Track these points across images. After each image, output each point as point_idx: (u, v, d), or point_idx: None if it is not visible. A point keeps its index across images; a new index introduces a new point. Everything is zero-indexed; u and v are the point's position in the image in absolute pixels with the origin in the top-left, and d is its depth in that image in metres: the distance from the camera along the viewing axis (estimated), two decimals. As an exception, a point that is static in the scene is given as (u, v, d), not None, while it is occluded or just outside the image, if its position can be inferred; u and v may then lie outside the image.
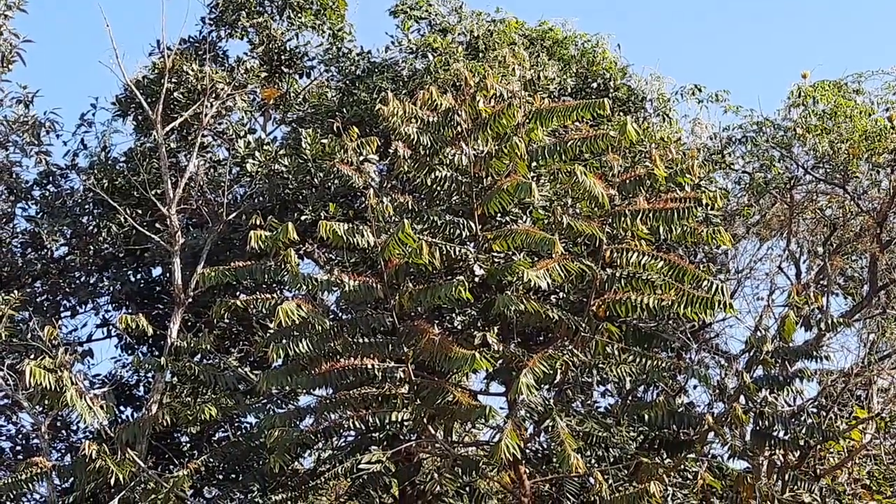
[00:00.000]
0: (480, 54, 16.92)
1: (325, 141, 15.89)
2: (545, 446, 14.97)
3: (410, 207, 13.68)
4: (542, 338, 15.08)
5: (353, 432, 14.33)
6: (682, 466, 14.17)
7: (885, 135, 15.80)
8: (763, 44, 36.76)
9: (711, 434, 13.58)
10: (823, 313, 14.69)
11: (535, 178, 14.05)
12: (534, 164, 14.06)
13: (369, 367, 12.97)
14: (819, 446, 14.01)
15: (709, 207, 13.64)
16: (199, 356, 15.63)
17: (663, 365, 13.61)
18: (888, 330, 16.53)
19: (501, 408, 13.79)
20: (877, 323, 17.07)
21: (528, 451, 14.24)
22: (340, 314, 14.87)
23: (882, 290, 16.80)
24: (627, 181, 13.48)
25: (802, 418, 14.46)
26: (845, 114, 16.13)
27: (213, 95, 16.96)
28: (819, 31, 35.50)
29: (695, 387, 15.99)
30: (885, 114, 16.20)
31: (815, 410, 14.86)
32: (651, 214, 13.16)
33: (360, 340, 13.14)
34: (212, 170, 17.38)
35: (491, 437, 15.17)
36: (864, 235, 17.26)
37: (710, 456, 14.38)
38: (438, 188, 14.00)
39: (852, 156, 15.98)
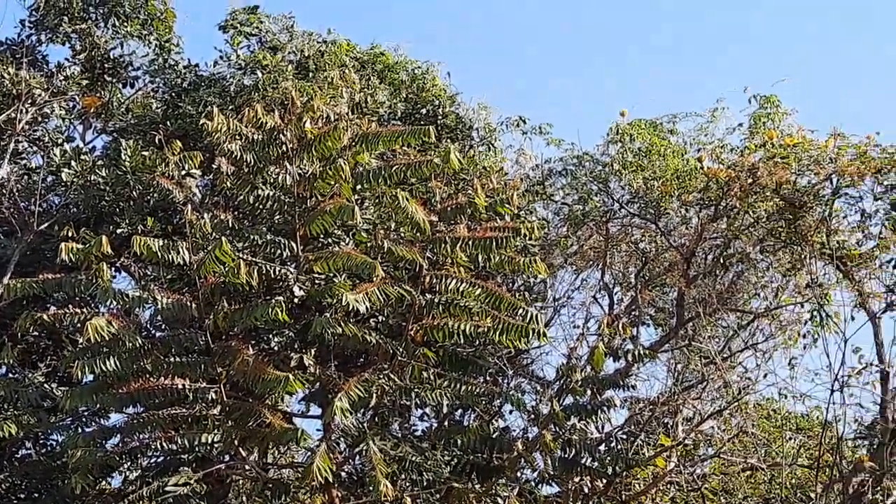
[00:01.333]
0: (310, 74, 16.87)
1: (146, 153, 15.54)
2: (359, 469, 14.94)
3: (231, 225, 13.49)
4: (360, 361, 15.07)
5: (161, 453, 13.97)
6: (493, 491, 14.36)
7: (694, 174, 16.43)
8: (587, 81, 37.98)
9: (523, 459, 13.82)
10: (634, 343, 15.16)
11: (359, 202, 14.09)
12: (358, 186, 14.08)
13: (180, 386, 12.71)
14: (625, 473, 14.41)
15: (527, 237, 13.91)
16: (1, 371, 14.97)
17: (479, 390, 13.78)
18: (693, 361, 17.13)
19: (318, 430, 13.72)
20: (683, 354, 17.70)
21: (342, 474, 14.18)
22: (154, 332, 14.51)
23: (688, 322, 17.42)
24: (449, 208, 13.66)
25: (611, 445, 14.88)
26: (659, 152, 16.75)
27: (30, 101, 16.45)
28: (639, 72, 36.92)
29: (510, 412, 16.25)
30: (696, 154, 16.84)
31: (624, 437, 15.29)
32: (470, 242, 13.35)
33: (173, 359, 12.87)
34: (25, 177, 16.75)
35: (305, 459, 15.04)
36: (673, 270, 17.90)
37: (523, 481, 14.60)
38: (261, 207, 13.88)
39: (664, 193, 16.56)
